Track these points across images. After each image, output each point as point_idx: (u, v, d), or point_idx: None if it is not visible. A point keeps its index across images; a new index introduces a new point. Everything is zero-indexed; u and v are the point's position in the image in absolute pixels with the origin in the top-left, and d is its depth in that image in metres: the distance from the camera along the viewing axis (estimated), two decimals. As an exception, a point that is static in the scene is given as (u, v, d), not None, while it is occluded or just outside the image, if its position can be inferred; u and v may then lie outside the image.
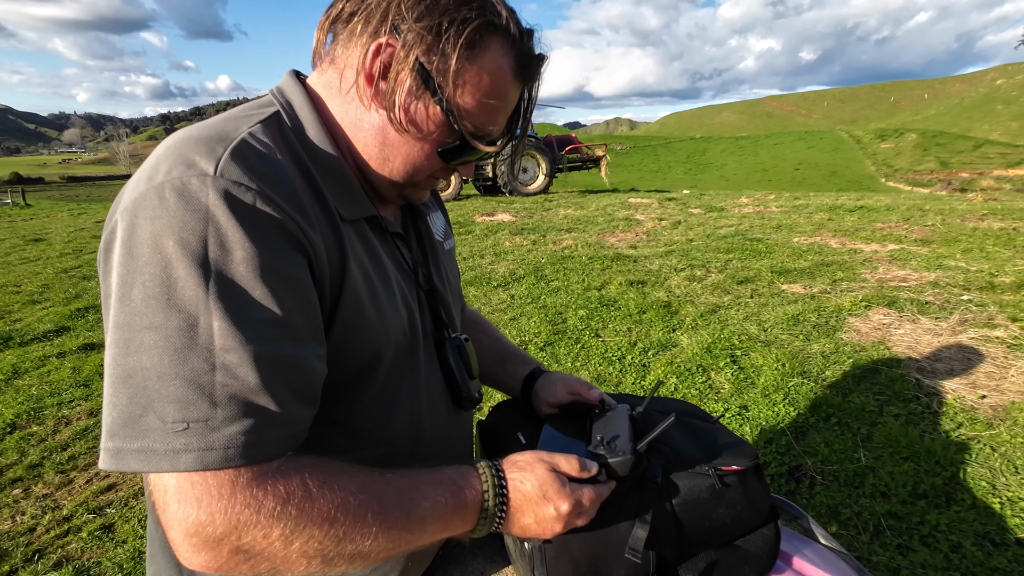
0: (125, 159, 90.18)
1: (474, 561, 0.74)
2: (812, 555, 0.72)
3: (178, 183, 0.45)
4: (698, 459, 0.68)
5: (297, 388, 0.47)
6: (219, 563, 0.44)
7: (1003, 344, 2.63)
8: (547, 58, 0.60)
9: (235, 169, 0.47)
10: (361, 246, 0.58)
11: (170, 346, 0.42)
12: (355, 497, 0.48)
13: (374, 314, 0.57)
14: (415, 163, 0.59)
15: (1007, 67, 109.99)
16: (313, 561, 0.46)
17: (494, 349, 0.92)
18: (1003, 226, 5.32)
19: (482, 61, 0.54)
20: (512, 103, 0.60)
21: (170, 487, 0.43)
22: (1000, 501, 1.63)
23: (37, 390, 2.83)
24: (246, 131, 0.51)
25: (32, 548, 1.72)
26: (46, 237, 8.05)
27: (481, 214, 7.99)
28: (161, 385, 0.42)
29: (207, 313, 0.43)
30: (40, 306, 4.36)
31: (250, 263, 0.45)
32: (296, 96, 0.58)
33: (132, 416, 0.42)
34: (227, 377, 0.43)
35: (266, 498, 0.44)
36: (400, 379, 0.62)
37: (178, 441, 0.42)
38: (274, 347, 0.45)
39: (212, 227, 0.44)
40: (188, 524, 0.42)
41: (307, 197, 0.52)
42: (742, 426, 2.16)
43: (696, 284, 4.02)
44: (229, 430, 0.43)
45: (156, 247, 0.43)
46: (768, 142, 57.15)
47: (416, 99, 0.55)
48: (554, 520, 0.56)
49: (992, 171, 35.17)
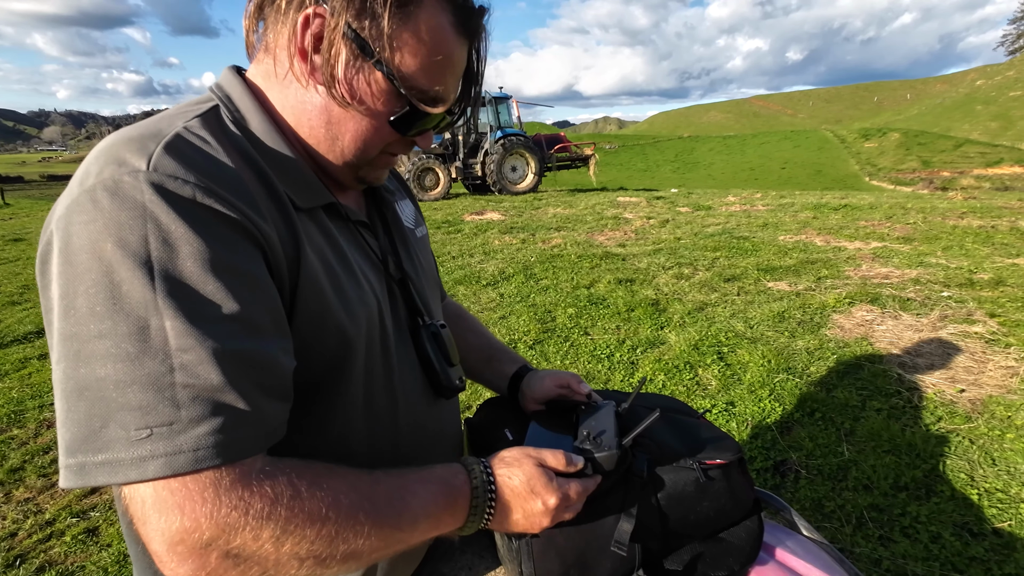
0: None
1: (462, 557, 0.75)
2: (795, 546, 0.74)
3: (110, 183, 0.43)
4: (683, 453, 0.69)
5: (264, 383, 0.45)
6: (207, 571, 0.42)
7: (981, 339, 2.70)
8: (488, 10, 0.57)
9: (170, 163, 0.44)
10: (320, 235, 0.56)
11: (122, 352, 0.40)
12: (346, 496, 0.47)
13: (338, 304, 0.54)
14: (365, 138, 0.57)
15: (986, 68, 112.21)
16: (306, 563, 0.45)
17: (480, 346, 0.91)
18: (982, 224, 5.43)
19: (417, 19, 0.52)
20: (459, 62, 0.57)
21: (148, 498, 0.41)
22: (978, 492, 1.67)
23: (17, 393, 2.77)
24: (180, 126, 0.49)
25: (14, 553, 1.70)
26: (26, 237, 7.89)
27: (470, 213, 7.98)
28: (118, 393, 0.40)
29: (157, 314, 0.41)
30: (20, 307, 4.28)
31: (197, 258, 0.43)
32: (235, 89, 0.56)
33: (92, 430, 0.40)
34: (187, 377, 0.41)
35: (253, 499, 0.42)
36: (373, 370, 0.60)
37: (143, 448, 0.40)
38: (233, 343, 0.43)
39: (152, 224, 0.42)
40: (172, 533, 0.41)
41: (254, 187, 0.50)
42: (729, 422, 2.19)
43: (684, 282, 4.05)
44: (196, 431, 0.41)
45: (94, 252, 0.41)
46: (755, 141, 57.74)
47: (355, 69, 0.52)
48: (542, 514, 0.56)
49: (972, 170, 35.88)
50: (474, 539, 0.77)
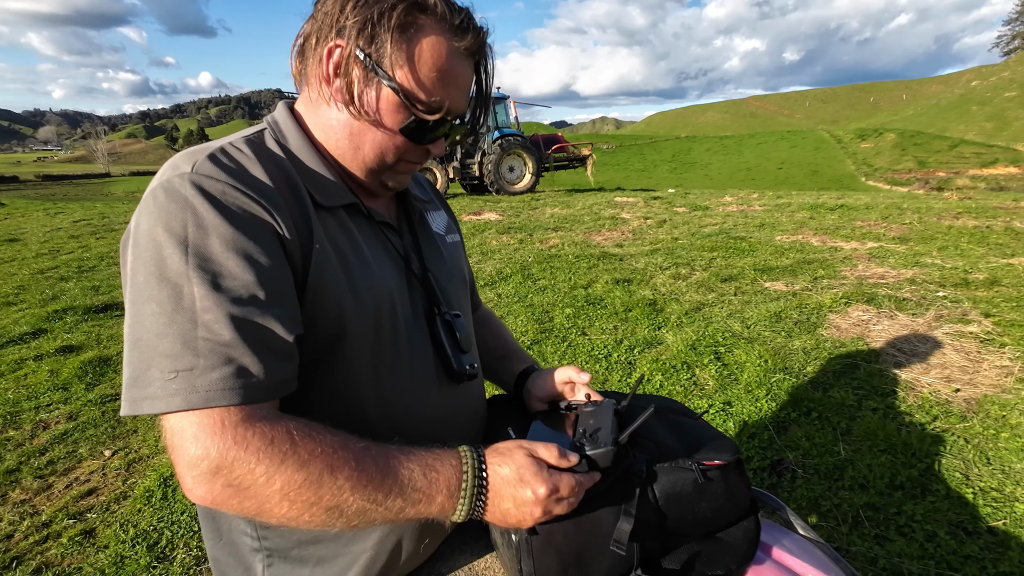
0: (103, 157, 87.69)
1: (461, 556, 0.75)
2: (791, 545, 0.74)
3: (166, 183, 0.56)
4: (681, 454, 0.69)
5: (270, 343, 0.54)
6: (214, 495, 0.51)
7: (976, 339, 2.71)
8: (485, 31, 0.65)
9: (209, 167, 0.57)
10: (338, 229, 0.65)
11: (163, 311, 0.51)
12: (335, 451, 0.54)
13: (345, 286, 0.62)
14: (382, 147, 0.66)
15: (981, 69, 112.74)
16: (294, 505, 0.52)
17: (495, 346, 0.96)
18: (977, 224, 5.47)
19: (418, 40, 0.61)
20: (464, 78, 0.65)
21: (175, 428, 0.51)
22: (973, 491, 1.69)
23: (13, 394, 2.76)
24: (227, 142, 0.62)
25: (10, 555, 1.69)
26: (21, 237, 7.84)
27: (468, 213, 7.98)
28: (158, 343, 0.51)
29: (189, 282, 0.52)
30: (15, 308, 4.25)
31: (222, 240, 0.54)
32: (281, 116, 0.69)
33: (140, 371, 0.51)
34: (207, 333, 0.51)
35: (252, 437, 0.51)
36: (384, 351, 0.67)
37: (171, 387, 0.50)
38: (245, 308, 0.53)
39: (190, 213, 0.54)
40: (188, 458, 0.50)
41: (279, 187, 0.60)
42: (726, 421, 2.20)
43: (681, 282, 4.06)
44: (210, 376, 0.50)
45: (151, 236, 0.53)
46: (751, 141, 57.87)
47: (368, 86, 0.62)
48: (532, 503, 0.57)
49: (967, 170, 36.05)
50: (472, 538, 0.78)
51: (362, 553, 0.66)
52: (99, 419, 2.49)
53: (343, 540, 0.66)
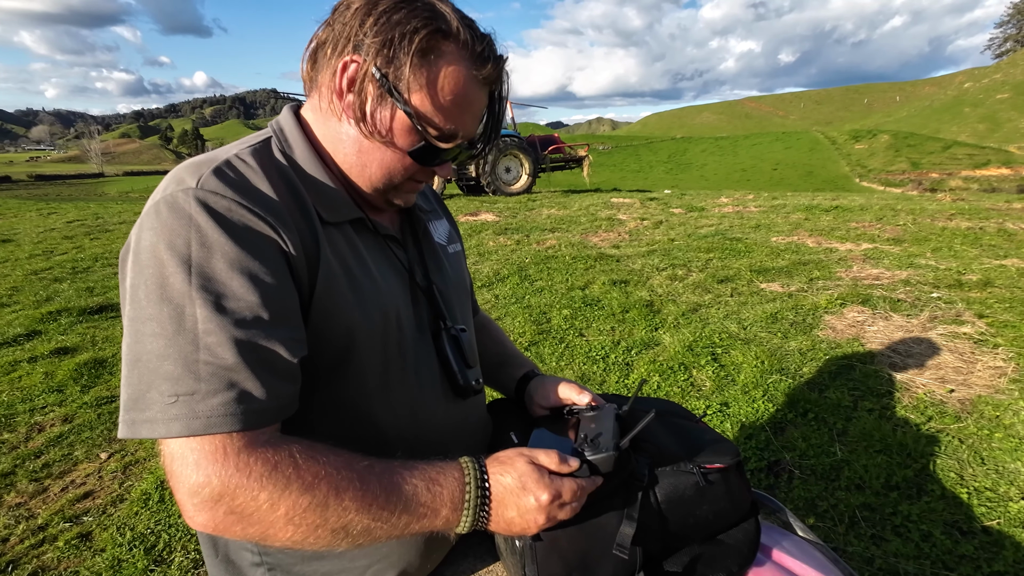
0: (96, 157, 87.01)
1: (464, 561, 0.75)
2: (790, 547, 0.75)
3: (169, 198, 0.54)
4: (682, 457, 0.70)
5: (274, 365, 0.53)
6: (216, 523, 0.50)
7: (970, 340, 2.74)
8: (505, 59, 0.64)
9: (215, 182, 0.55)
10: (344, 244, 0.64)
11: (164, 332, 0.50)
12: (339, 472, 0.53)
13: (352, 302, 0.62)
14: (390, 167, 0.65)
15: (974, 71, 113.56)
16: (299, 529, 0.51)
17: (495, 352, 0.95)
18: (970, 225, 5.51)
19: (437, 66, 0.59)
20: (478, 104, 0.64)
21: (175, 453, 0.50)
22: (967, 491, 1.70)
23: (8, 396, 2.74)
24: (233, 154, 0.60)
25: (5, 559, 1.68)
26: (14, 238, 7.78)
27: (464, 214, 7.98)
28: (158, 365, 0.49)
29: (191, 303, 0.50)
30: (9, 309, 4.22)
31: (226, 259, 0.52)
32: (287, 123, 0.67)
33: (139, 392, 0.50)
34: (208, 356, 0.50)
35: (255, 463, 0.50)
36: (390, 365, 0.66)
37: (171, 411, 0.49)
38: (249, 331, 0.51)
39: (195, 231, 0.52)
40: (189, 485, 0.49)
41: (286, 203, 0.59)
42: (723, 423, 2.21)
43: (678, 283, 4.08)
44: (212, 401, 0.49)
45: (153, 252, 0.52)
46: (747, 143, 58.11)
47: (381, 106, 0.60)
48: (536, 511, 0.58)
49: (960, 172, 36.32)
50: (476, 543, 0.78)
51: (367, 568, 0.66)
52: (95, 421, 2.47)
53: (348, 555, 0.66)
